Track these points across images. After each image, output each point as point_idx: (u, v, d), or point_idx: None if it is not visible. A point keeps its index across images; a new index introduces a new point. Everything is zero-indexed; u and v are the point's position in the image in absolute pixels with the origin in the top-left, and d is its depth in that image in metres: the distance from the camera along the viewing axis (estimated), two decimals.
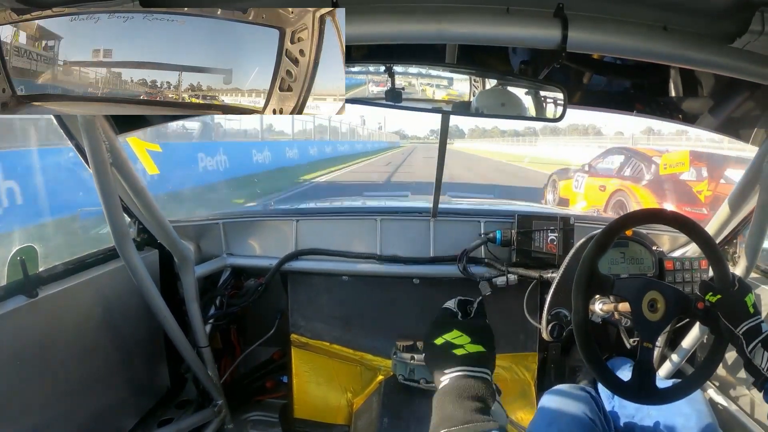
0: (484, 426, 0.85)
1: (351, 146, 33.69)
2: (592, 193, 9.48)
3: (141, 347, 2.19)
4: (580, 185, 9.94)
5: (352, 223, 2.37)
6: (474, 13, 1.09)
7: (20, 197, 6.87)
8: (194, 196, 10.75)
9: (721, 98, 1.66)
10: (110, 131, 1.54)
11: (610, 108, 1.86)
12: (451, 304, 1.17)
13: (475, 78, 1.44)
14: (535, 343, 2.34)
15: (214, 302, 2.32)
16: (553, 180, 11.18)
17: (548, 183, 11.37)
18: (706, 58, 1.13)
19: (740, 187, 1.79)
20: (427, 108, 1.45)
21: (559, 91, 1.41)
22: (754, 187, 1.72)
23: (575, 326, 1.36)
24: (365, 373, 2.39)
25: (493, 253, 2.25)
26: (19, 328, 1.52)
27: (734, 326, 1.21)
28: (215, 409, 2.33)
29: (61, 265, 1.77)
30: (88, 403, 1.84)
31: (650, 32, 1.11)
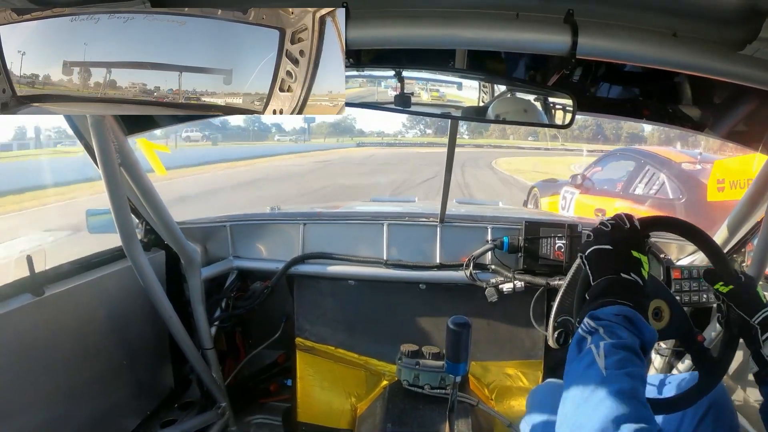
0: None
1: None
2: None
3: (145, 348, 2.19)
4: (568, 204, 7.24)
5: (359, 227, 2.37)
6: (484, 18, 1.09)
7: None
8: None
9: (730, 106, 1.65)
10: (119, 132, 1.55)
11: (619, 115, 1.85)
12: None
13: (484, 83, 1.44)
14: (541, 350, 2.33)
15: (220, 304, 2.33)
16: (534, 195, 8.92)
17: (528, 198, 9.18)
18: (715, 65, 1.12)
19: (749, 195, 1.78)
20: (436, 113, 1.45)
21: (568, 97, 1.41)
22: (764, 195, 1.71)
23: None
24: (370, 378, 2.39)
25: (500, 259, 2.24)
26: (24, 325, 1.53)
27: (749, 316, 1.19)
28: (218, 411, 2.33)
29: (68, 264, 1.77)
30: (91, 403, 1.85)
31: (660, 39, 1.10)
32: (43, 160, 20.87)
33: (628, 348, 0.91)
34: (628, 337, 0.94)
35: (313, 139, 55.32)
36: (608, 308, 1.01)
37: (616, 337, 0.93)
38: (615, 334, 0.93)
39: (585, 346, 0.93)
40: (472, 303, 2.31)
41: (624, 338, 0.93)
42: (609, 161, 7.62)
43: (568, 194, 7.26)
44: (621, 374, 0.85)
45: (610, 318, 0.98)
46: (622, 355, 0.89)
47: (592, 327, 0.97)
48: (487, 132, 54.36)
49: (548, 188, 8.57)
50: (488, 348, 2.35)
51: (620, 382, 0.84)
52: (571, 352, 0.97)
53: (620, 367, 0.86)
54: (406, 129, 68.63)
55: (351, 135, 61.84)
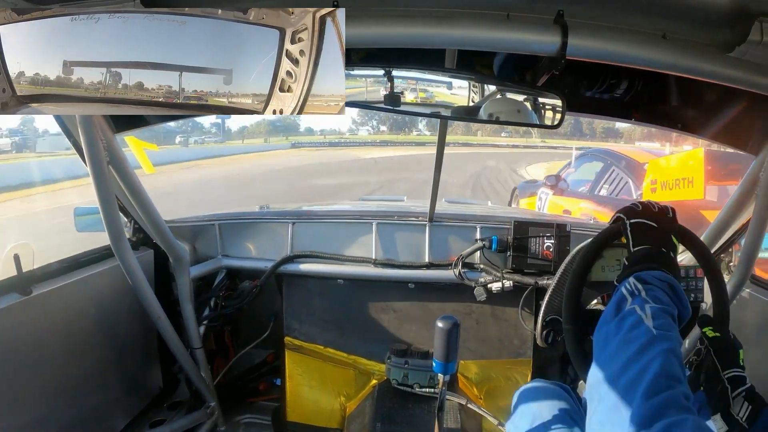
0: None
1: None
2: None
3: (134, 347, 2.18)
4: (543, 205, 7.32)
5: (348, 226, 2.37)
6: (474, 18, 1.09)
7: None
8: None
9: (718, 107, 1.66)
10: (108, 130, 1.54)
11: (608, 115, 1.86)
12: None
13: (474, 83, 1.44)
14: (530, 349, 2.34)
15: (209, 303, 2.32)
16: (516, 196, 9.10)
17: (511, 199, 9.34)
18: (704, 67, 1.13)
19: (737, 195, 1.79)
20: (425, 113, 1.45)
21: (557, 98, 1.41)
22: (751, 196, 1.72)
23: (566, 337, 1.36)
24: (359, 377, 2.39)
25: (489, 258, 2.25)
26: (11, 325, 1.52)
27: (722, 368, 1.21)
28: (208, 410, 2.32)
29: (56, 263, 1.76)
30: (79, 402, 1.83)
31: (650, 40, 1.11)
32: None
33: (671, 315, 0.95)
34: (669, 303, 0.98)
35: (231, 142, 48.39)
36: (654, 272, 1.04)
37: (660, 302, 0.96)
38: (658, 299, 0.97)
39: (625, 307, 0.96)
40: (461, 302, 2.32)
41: (666, 304, 0.97)
42: (581, 162, 7.80)
43: (544, 195, 7.38)
44: (670, 335, 0.88)
45: (655, 282, 1.01)
46: (668, 320, 0.92)
47: (636, 288, 1.00)
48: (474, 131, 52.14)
49: (527, 189, 8.73)
50: (477, 347, 2.36)
51: (671, 341, 0.87)
52: (607, 313, 0.99)
53: (667, 329, 0.89)
54: (356, 126, 62.97)
55: (294, 133, 55.56)
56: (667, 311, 0.95)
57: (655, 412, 0.76)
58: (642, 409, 0.77)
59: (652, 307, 0.93)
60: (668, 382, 0.80)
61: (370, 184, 15.95)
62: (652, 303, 0.95)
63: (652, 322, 0.90)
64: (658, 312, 0.93)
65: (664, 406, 0.76)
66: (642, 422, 0.75)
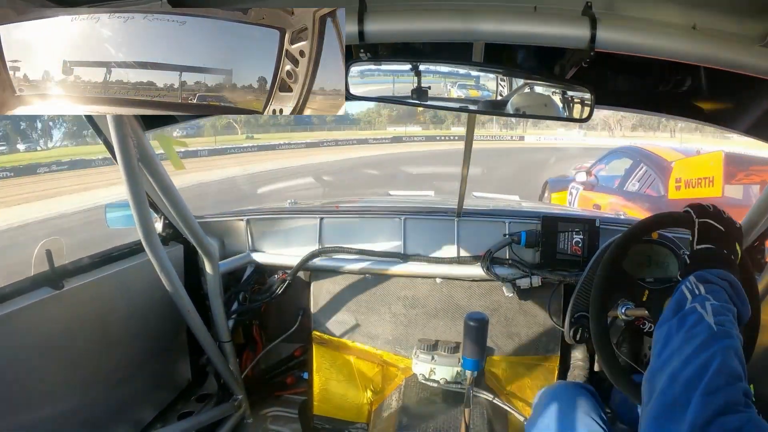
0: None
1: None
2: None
3: (163, 341, 2.23)
4: (574, 199, 7.49)
5: (376, 222, 2.38)
6: (501, 11, 1.08)
7: None
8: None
9: (751, 100, 1.62)
10: (138, 128, 1.57)
11: (639, 108, 1.83)
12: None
13: (501, 77, 1.43)
14: (557, 346, 2.32)
15: (237, 297, 2.35)
16: (548, 189, 9.08)
17: (543, 193, 9.34)
18: (736, 58, 1.11)
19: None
20: (453, 107, 1.45)
21: (586, 91, 1.39)
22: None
23: (592, 332, 1.35)
24: (385, 372, 2.39)
25: (518, 254, 2.24)
26: (43, 319, 1.56)
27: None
28: (235, 403, 2.36)
29: (87, 258, 1.81)
30: (108, 395, 1.88)
31: (679, 31, 1.09)
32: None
33: (731, 312, 0.95)
34: (729, 301, 0.98)
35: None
36: (716, 270, 1.04)
37: (720, 299, 0.96)
38: (719, 296, 0.97)
39: (686, 305, 0.96)
40: (489, 298, 2.31)
41: (727, 302, 0.97)
42: (611, 159, 7.92)
43: (574, 190, 7.60)
44: (730, 332, 0.88)
45: (716, 281, 1.01)
46: (729, 317, 0.92)
47: (697, 287, 1.00)
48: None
49: (559, 183, 8.84)
50: (505, 343, 2.34)
51: (731, 338, 0.87)
52: (668, 310, 0.99)
53: (728, 326, 0.89)
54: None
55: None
56: (728, 309, 0.95)
57: (713, 409, 0.75)
58: (700, 406, 0.76)
59: (713, 304, 0.93)
60: (728, 379, 0.79)
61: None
62: (713, 300, 0.95)
63: (712, 318, 0.90)
64: (718, 309, 0.92)
65: (723, 404, 0.76)
66: (700, 420, 0.75)
